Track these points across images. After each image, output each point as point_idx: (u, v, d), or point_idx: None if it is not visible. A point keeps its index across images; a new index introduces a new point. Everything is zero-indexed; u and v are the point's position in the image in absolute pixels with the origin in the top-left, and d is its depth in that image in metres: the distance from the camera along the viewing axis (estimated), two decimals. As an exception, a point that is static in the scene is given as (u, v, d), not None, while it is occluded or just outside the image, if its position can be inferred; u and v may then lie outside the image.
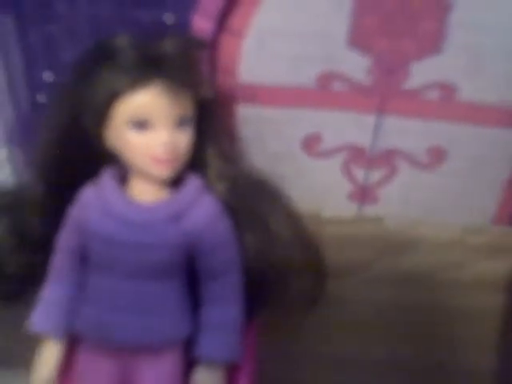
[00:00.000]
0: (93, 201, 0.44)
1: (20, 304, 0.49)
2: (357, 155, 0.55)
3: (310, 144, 0.54)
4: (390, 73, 0.50)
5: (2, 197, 0.50)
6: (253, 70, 0.50)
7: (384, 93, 0.51)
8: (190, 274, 0.46)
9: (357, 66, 0.50)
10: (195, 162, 0.44)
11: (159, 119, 0.40)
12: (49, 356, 0.46)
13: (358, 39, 0.49)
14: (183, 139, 0.42)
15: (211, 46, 0.47)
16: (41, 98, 0.53)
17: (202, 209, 0.44)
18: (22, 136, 0.55)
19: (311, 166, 0.55)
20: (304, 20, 0.48)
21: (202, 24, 0.47)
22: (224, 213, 0.45)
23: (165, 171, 0.42)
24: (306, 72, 0.50)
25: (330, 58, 0.50)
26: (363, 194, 0.57)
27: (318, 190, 0.57)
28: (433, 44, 0.49)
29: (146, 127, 0.41)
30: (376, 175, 0.56)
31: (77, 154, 0.45)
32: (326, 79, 0.51)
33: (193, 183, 0.44)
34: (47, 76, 0.52)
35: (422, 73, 0.50)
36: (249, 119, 0.52)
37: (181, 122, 0.41)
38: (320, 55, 0.49)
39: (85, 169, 0.45)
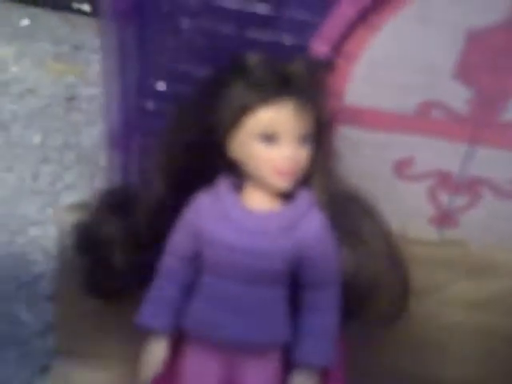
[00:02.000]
0: (208, 207, 0.46)
1: (125, 302, 0.51)
2: (444, 181, 0.57)
3: (402, 167, 0.57)
4: (488, 105, 0.53)
5: (113, 196, 0.53)
6: (358, 94, 0.53)
7: (479, 123, 0.54)
8: (291, 281, 0.48)
9: (457, 96, 0.53)
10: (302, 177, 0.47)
11: (286, 135, 0.43)
12: (156, 353, 0.48)
13: (464, 72, 0.51)
14: (303, 155, 0.45)
15: (333, 66, 0.50)
16: (150, 105, 0.56)
17: (313, 222, 0.46)
18: (128, 141, 0.58)
19: (399, 188, 0.58)
20: (416, 51, 0.50)
21: (318, 47, 0.50)
22: (329, 227, 0.47)
23: (285, 183, 0.44)
24: (408, 99, 0.53)
25: (433, 88, 0.52)
26: (445, 219, 0.59)
27: (402, 211, 0.59)
28: (532, 81, 0.51)
29: (273, 141, 0.43)
30: (459, 201, 0.58)
31: (197, 162, 0.47)
32: (426, 107, 0.53)
33: (304, 197, 0.47)
34: (160, 86, 0.54)
35: (517, 107, 0.53)
36: (347, 139, 0.55)
37: (303, 139, 0.44)
38: (424, 85, 0.52)
39: (201, 176, 0.48)
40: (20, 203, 0.83)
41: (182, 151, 0.47)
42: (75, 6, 1.24)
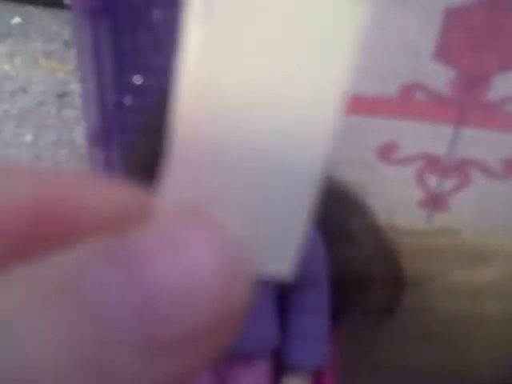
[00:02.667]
0: None
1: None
2: (431, 164, 0.56)
3: (387, 152, 0.56)
4: (471, 85, 0.51)
5: None
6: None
7: (464, 104, 0.52)
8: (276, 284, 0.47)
9: (440, 77, 0.51)
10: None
11: None
12: None
13: (444, 53, 0.50)
14: None
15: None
16: (127, 100, 0.55)
17: None
18: (108, 137, 0.57)
19: (386, 173, 0.57)
20: (394, 33, 0.49)
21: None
22: (314, 224, 0.46)
23: None
24: (390, 83, 0.52)
25: (414, 69, 0.51)
26: (434, 202, 0.58)
27: (390, 196, 0.58)
28: (516, 58, 0.50)
29: None
30: (449, 184, 0.57)
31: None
32: (408, 89, 0.52)
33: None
34: (136, 79, 0.54)
35: (502, 86, 0.51)
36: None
37: None
38: (405, 67, 0.51)
39: None
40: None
41: (154, 149, 0.46)
42: (66, 1, 1.23)
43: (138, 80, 0.54)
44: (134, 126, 0.53)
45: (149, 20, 0.51)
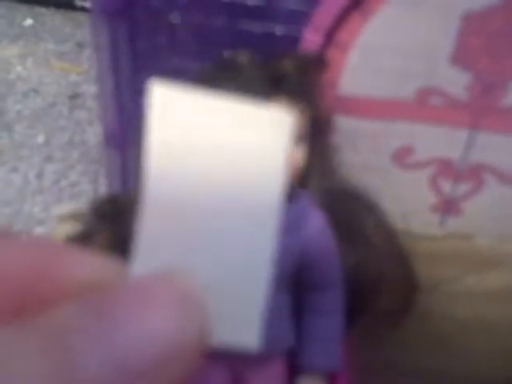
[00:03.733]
0: None
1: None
2: (445, 168, 0.56)
3: (401, 156, 0.56)
4: (487, 90, 0.52)
5: (103, 205, 0.52)
6: (354, 83, 0.52)
7: (479, 109, 0.53)
8: (292, 285, 0.47)
9: (456, 82, 0.51)
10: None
11: None
12: None
13: (461, 57, 0.50)
14: (298, 156, 0.44)
15: (325, 62, 0.49)
16: (144, 101, 0.55)
17: (313, 222, 0.45)
18: (125, 139, 0.57)
19: (400, 177, 0.57)
20: (411, 36, 0.49)
21: (311, 37, 0.49)
22: (329, 226, 0.46)
23: None
24: (406, 86, 0.52)
25: (430, 74, 0.51)
26: (447, 207, 0.58)
27: (403, 201, 0.58)
28: (532, 64, 0.50)
29: None
30: (462, 189, 0.57)
31: None
32: (424, 94, 0.52)
33: (303, 197, 0.45)
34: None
35: (518, 91, 0.52)
36: (343, 130, 0.54)
37: (297, 140, 0.43)
38: (421, 71, 0.51)
39: None
40: (25, 203, 0.83)
41: None
42: (78, 3, 1.24)
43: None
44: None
45: (166, 22, 0.51)
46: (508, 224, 0.58)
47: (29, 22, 1.22)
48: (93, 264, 0.16)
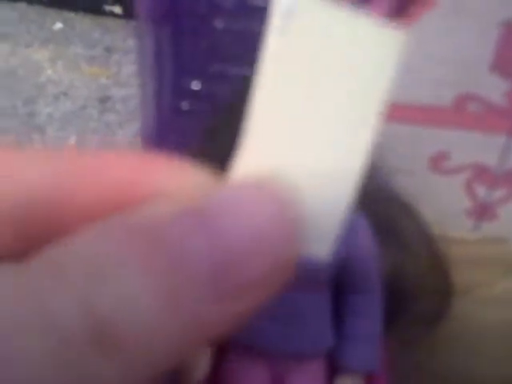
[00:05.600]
0: None
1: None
2: (481, 174, 0.57)
3: (437, 161, 0.56)
4: (525, 97, 0.52)
5: None
6: (395, 90, 0.53)
7: (517, 115, 0.53)
8: (333, 286, 0.48)
9: (494, 89, 0.52)
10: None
11: None
12: (197, 362, 0.49)
13: (500, 65, 0.51)
14: None
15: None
16: (185, 105, 0.56)
17: (356, 225, 0.46)
18: (163, 141, 0.58)
19: (435, 182, 0.57)
20: (450, 43, 0.50)
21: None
22: (371, 230, 0.47)
23: None
24: (444, 93, 0.53)
25: (469, 81, 0.52)
26: (482, 211, 0.59)
27: (439, 205, 0.59)
28: None
29: None
30: (498, 194, 0.58)
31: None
32: (462, 100, 0.53)
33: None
34: (195, 85, 0.55)
35: (556, 98, 0.52)
36: (382, 134, 0.55)
37: None
38: (460, 78, 0.52)
39: None
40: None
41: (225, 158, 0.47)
42: (107, 8, 1.25)
43: (196, 86, 0.55)
44: (189, 131, 0.54)
45: (210, 27, 0.52)
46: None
47: (58, 25, 1.24)
48: (178, 174, 0.15)
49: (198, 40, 0.53)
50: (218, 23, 0.52)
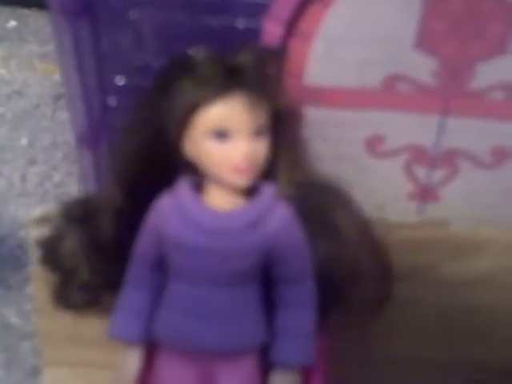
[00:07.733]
0: (170, 209, 0.45)
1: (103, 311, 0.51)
2: (419, 155, 0.55)
3: (373, 145, 0.55)
4: (455, 74, 0.51)
5: (74, 207, 0.51)
6: (319, 73, 0.51)
7: (448, 94, 0.52)
8: (263, 279, 0.47)
9: (422, 67, 0.51)
10: (265, 169, 0.45)
11: (238, 129, 0.41)
12: (129, 363, 0.48)
13: (425, 42, 0.49)
14: (261, 148, 0.43)
15: (284, 53, 0.49)
16: (112, 101, 0.55)
17: (278, 215, 0.44)
18: (96, 139, 0.57)
19: (373, 166, 0.56)
20: (372, 25, 0.49)
21: (272, 29, 0.48)
22: (297, 219, 0.46)
23: (243, 180, 0.43)
24: (372, 74, 0.51)
25: (396, 60, 0.50)
26: (424, 194, 0.58)
27: (379, 189, 0.57)
28: (499, 46, 0.49)
29: (226, 137, 0.42)
30: (438, 175, 0.57)
31: (154, 163, 0.46)
32: (391, 81, 0.51)
33: (267, 190, 0.45)
34: (119, 80, 0.53)
35: (486, 74, 0.51)
36: (312, 121, 0.53)
37: (258, 132, 0.43)
38: (386, 58, 0.50)
39: (161, 178, 0.46)
40: (9, 206, 0.83)
41: (137, 155, 0.46)
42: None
43: (120, 81, 0.53)
44: (120, 128, 0.53)
45: (126, 19, 0.50)
46: (485, 208, 0.57)
47: (12, 23, 1.22)
48: None
49: (117, 33, 0.51)
50: (134, 15, 0.50)
